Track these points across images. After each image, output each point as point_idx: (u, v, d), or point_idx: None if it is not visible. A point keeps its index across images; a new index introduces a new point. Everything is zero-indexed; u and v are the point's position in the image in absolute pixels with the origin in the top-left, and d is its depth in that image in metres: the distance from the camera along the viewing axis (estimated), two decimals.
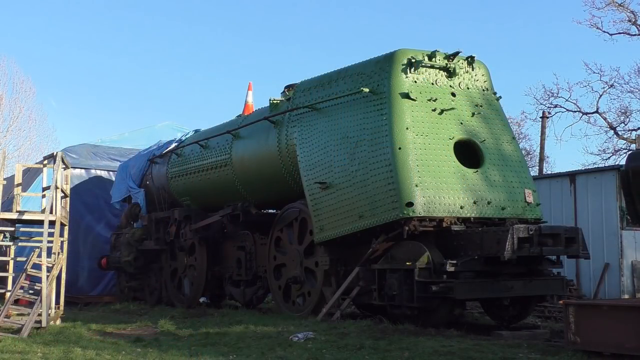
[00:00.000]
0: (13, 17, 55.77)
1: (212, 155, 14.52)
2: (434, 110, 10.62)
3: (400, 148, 10.09)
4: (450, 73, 11.05)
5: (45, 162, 13.10)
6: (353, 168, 10.60)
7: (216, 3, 65.33)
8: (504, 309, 10.37)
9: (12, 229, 12.28)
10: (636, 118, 33.59)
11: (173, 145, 16.36)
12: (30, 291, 11.27)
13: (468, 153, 10.78)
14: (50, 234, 10.95)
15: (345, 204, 10.67)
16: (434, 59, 10.93)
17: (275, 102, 12.90)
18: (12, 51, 64.99)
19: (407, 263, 9.66)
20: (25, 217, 11.74)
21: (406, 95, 10.50)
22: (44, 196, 12.86)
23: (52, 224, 11.11)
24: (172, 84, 63.37)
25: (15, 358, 7.81)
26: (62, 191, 11.96)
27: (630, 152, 16.67)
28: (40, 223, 11.42)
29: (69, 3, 60.51)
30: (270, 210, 14.26)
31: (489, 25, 59.15)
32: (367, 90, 10.72)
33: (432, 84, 10.88)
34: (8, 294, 10.99)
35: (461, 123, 10.81)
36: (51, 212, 11.19)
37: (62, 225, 12.09)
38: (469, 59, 11.30)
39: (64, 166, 12.03)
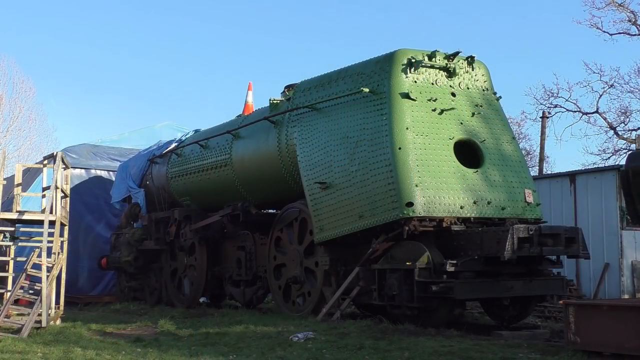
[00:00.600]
0: (13, 17, 55.83)
1: (212, 155, 14.52)
2: (434, 110, 10.62)
3: (400, 148, 10.09)
4: (450, 73, 11.05)
5: (45, 162, 13.10)
6: (353, 168, 10.60)
7: (216, 3, 65.40)
8: (504, 309, 10.37)
9: (12, 229, 12.27)
10: (636, 118, 33.62)
11: (173, 145, 16.37)
12: (30, 291, 11.27)
13: (468, 153, 10.77)
14: (50, 234, 10.94)
15: (345, 204, 10.67)
16: (434, 59, 10.93)
17: (275, 102, 12.90)
18: (12, 51, 65.01)
19: (407, 263, 9.66)
20: (25, 217, 11.74)
21: (406, 95, 10.50)
22: (44, 196, 12.86)
23: (52, 224, 11.11)
24: (172, 84, 63.42)
25: (15, 358, 7.81)
26: (62, 191, 11.95)
27: (630, 152, 16.67)
28: (40, 223, 11.42)
29: (69, 2, 60.57)
30: (270, 210, 14.26)
31: (489, 25, 59.21)
32: (367, 90, 10.72)
33: (432, 84, 10.88)
34: (8, 294, 10.99)
35: (461, 123, 10.81)
36: (51, 212, 11.19)
37: (62, 225, 12.09)
38: (469, 59, 11.30)
39: (64, 166, 12.03)
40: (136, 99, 63.26)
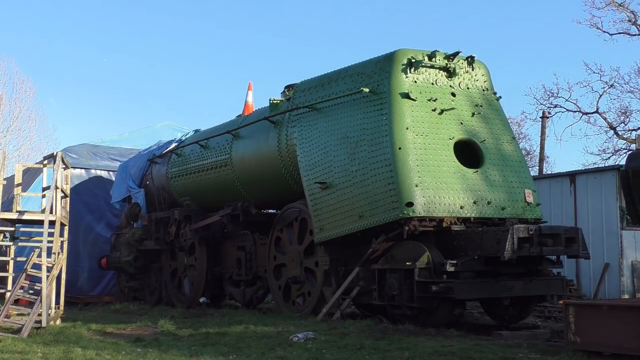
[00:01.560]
0: (13, 17, 55.82)
1: (212, 155, 14.52)
2: (434, 110, 10.62)
3: (400, 148, 10.09)
4: (450, 73, 11.05)
5: (45, 162, 13.10)
6: (353, 168, 10.60)
7: (216, 2, 65.38)
8: (504, 309, 10.37)
9: (12, 229, 12.27)
10: (636, 118, 33.63)
11: (173, 145, 16.37)
12: (30, 291, 11.27)
13: (468, 153, 10.77)
14: (50, 234, 10.94)
15: (345, 204, 10.67)
16: (434, 59, 10.93)
17: (275, 102, 12.89)
18: (12, 51, 64.95)
19: (407, 263, 9.66)
20: (25, 217, 11.73)
21: (406, 95, 10.50)
22: (44, 196, 12.86)
23: (52, 224, 11.11)
24: (173, 84, 63.43)
25: (15, 358, 7.80)
26: (62, 191, 11.95)
27: (630, 152, 16.67)
28: (40, 223, 11.42)
29: (69, 3, 60.56)
30: (270, 210, 14.26)
31: (489, 25, 59.21)
32: (367, 90, 10.72)
33: (432, 84, 10.88)
34: (8, 294, 10.99)
35: (461, 123, 10.81)
36: (51, 212, 11.19)
37: (62, 225, 12.09)
38: (469, 59, 11.30)
39: (64, 166, 12.03)
40: (136, 99, 63.33)
